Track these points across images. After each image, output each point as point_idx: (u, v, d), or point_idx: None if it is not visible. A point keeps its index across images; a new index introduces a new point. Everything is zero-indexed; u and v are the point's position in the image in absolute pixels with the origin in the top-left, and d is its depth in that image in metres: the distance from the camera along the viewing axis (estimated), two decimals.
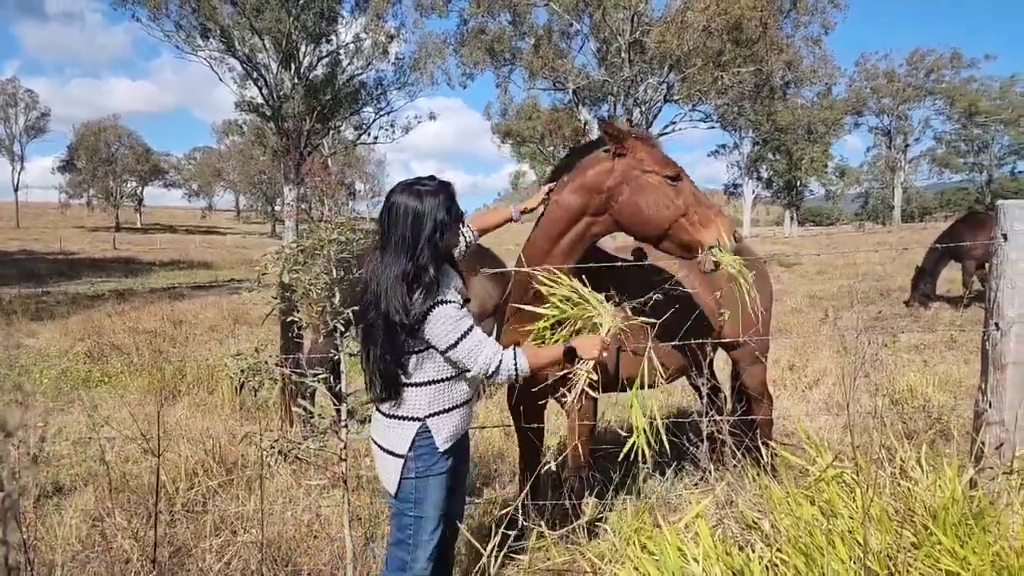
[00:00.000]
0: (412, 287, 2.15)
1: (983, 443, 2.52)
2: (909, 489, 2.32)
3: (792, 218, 50.93)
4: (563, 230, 2.86)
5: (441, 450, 2.28)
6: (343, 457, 2.91)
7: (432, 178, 2.31)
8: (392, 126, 32.22)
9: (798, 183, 47.31)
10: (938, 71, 52.38)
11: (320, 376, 2.93)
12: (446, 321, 2.16)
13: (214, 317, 11.90)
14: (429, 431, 2.26)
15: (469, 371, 2.22)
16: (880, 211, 64.17)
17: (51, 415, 5.94)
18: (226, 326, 11.08)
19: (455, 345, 2.17)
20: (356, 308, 2.87)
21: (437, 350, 2.20)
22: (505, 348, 2.31)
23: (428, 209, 2.18)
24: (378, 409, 2.35)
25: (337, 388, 2.93)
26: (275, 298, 2.99)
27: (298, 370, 3.01)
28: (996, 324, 2.51)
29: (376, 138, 33.11)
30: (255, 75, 26.42)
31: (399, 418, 2.28)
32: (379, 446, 2.35)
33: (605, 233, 2.93)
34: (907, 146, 55.94)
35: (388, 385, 2.25)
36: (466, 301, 2.31)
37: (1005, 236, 2.49)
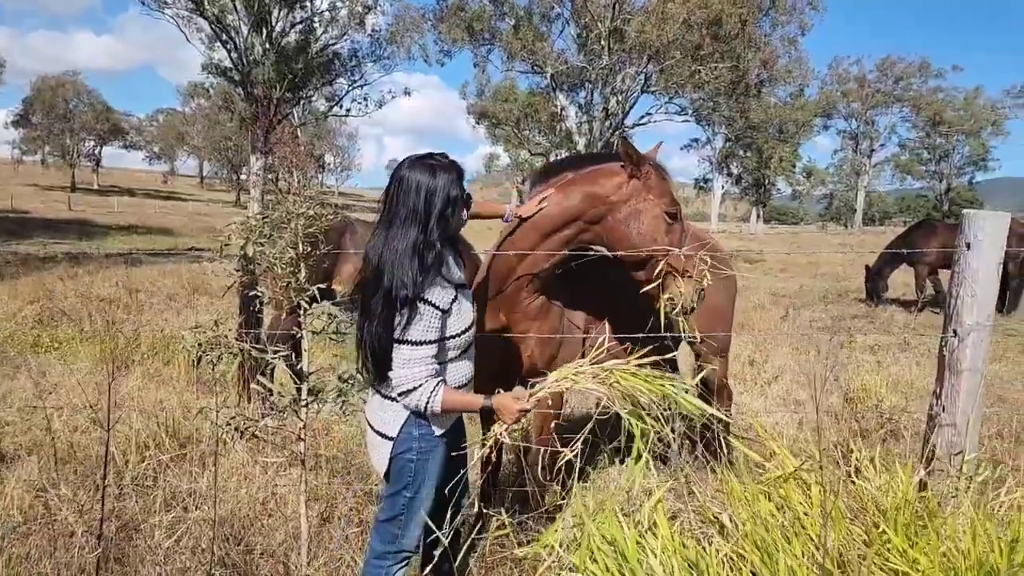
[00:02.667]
0: (423, 260, 2.09)
1: (935, 445, 2.59)
2: (862, 488, 2.37)
3: (759, 215, 51.80)
4: (556, 229, 2.84)
5: (437, 433, 2.25)
6: (301, 436, 2.86)
7: (443, 155, 2.25)
8: (366, 99, 31.60)
9: (766, 181, 48.05)
10: (907, 79, 53.68)
11: (281, 353, 2.87)
12: (417, 320, 2.10)
13: (172, 286, 11.60)
14: (424, 416, 2.22)
15: (390, 372, 2.15)
16: (843, 213, 65.73)
17: None
18: (184, 296, 10.81)
19: (400, 342, 2.10)
20: (321, 286, 2.82)
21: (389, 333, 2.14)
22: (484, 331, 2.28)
23: (441, 184, 2.12)
24: (376, 389, 2.30)
25: (299, 366, 2.87)
26: (237, 271, 2.89)
27: (259, 346, 2.93)
28: (954, 331, 2.56)
29: (349, 111, 32.42)
30: (224, 37, 25.53)
31: (393, 399, 2.22)
32: (371, 426, 2.31)
33: (592, 242, 2.93)
34: (872, 151, 57.33)
35: (379, 364, 2.18)
36: (459, 288, 2.26)
37: (968, 245, 2.53)
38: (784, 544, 2.05)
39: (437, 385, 2.14)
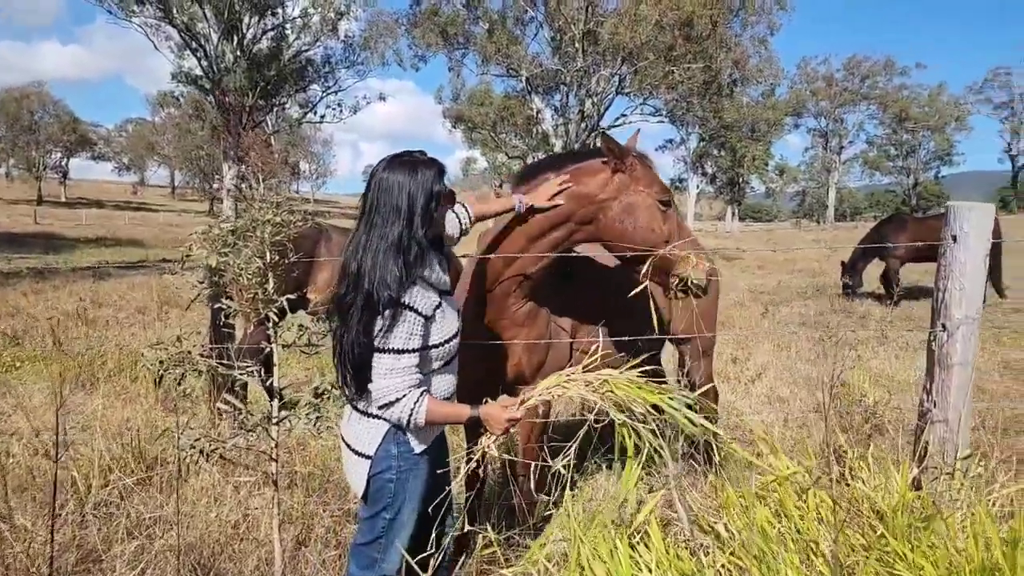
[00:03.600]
0: (406, 257, 1.97)
1: (927, 443, 2.53)
2: (858, 490, 2.30)
3: (734, 213, 52.30)
4: (543, 232, 2.74)
5: (417, 451, 2.12)
6: (274, 457, 2.72)
7: (422, 152, 2.14)
8: (340, 106, 31.42)
9: (740, 180, 48.53)
10: (873, 77, 54.72)
11: (249, 369, 2.72)
12: (398, 326, 1.97)
13: (142, 299, 11.29)
14: (404, 431, 2.09)
15: (370, 384, 2.02)
16: (816, 209, 66.72)
17: None
18: (154, 309, 10.52)
19: (381, 351, 1.97)
20: (291, 296, 2.68)
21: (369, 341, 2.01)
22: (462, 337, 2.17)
23: (423, 180, 2.01)
24: (352, 405, 2.16)
25: (269, 382, 2.73)
26: (201, 282, 2.74)
27: (225, 362, 2.79)
28: (943, 325, 2.51)
29: (323, 117, 32.22)
30: (194, 45, 25.14)
31: (371, 415, 2.09)
32: (347, 444, 2.17)
33: (584, 242, 2.85)
34: (842, 148, 58.32)
35: (359, 377, 2.03)
36: (443, 294, 2.14)
37: (955, 238, 2.49)
38: (783, 553, 1.97)
39: (421, 396, 2.02)
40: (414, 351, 2.00)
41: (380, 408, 2.02)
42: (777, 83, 37.39)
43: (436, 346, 2.09)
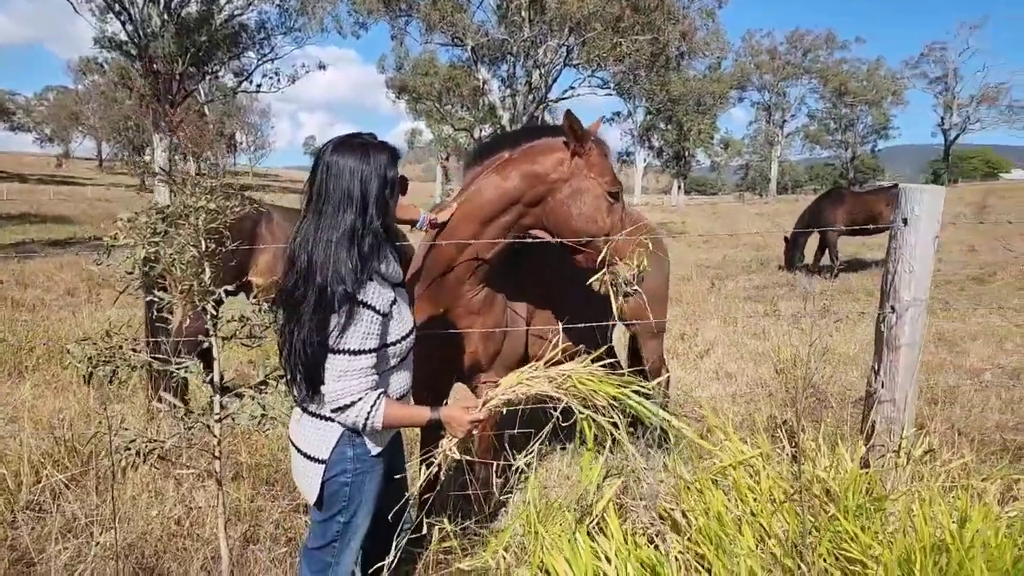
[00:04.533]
0: (361, 249, 1.84)
1: (875, 422, 2.59)
2: (809, 471, 2.34)
3: (680, 187, 53.12)
4: (495, 215, 2.64)
5: (374, 453, 2.01)
6: (216, 454, 2.59)
7: (371, 135, 1.99)
8: (277, 74, 30.17)
9: (686, 153, 49.23)
10: (814, 51, 56.05)
11: (186, 364, 2.56)
12: (353, 325, 1.85)
13: (71, 279, 10.70)
14: (360, 434, 1.98)
15: (322, 384, 1.91)
16: (758, 183, 68.36)
17: None
18: (84, 291, 9.99)
19: (335, 351, 1.85)
20: (229, 287, 2.53)
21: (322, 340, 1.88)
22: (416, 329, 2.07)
23: (376, 165, 1.87)
24: (303, 407, 2.03)
25: (209, 377, 2.58)
26: (129, 273, 2.54)
27: (160, 356, 2.62)
28: (892, 307, 2.56)
29: (259, 86, 30.89)
30: (117, 8, 23.60)
31: (322, 417, 1.97)
32: (297, 449, 2.04)
33: (533, 227, 2.75)
34: (784, 122, 59.77)
35: (309, 377, 1.91)
36: (397, 287, 2.03)
37: (905, 220, 2.52)
38: (738, 537, 1.99)
39: (378, 399, 1.91)
40: (371, 351, 1.89)
41: (334, 411, 1.90)
42: (723, 56, 37.85)
43: (394, 343, 1.99)
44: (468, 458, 2.70)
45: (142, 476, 3.59)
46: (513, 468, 2.20)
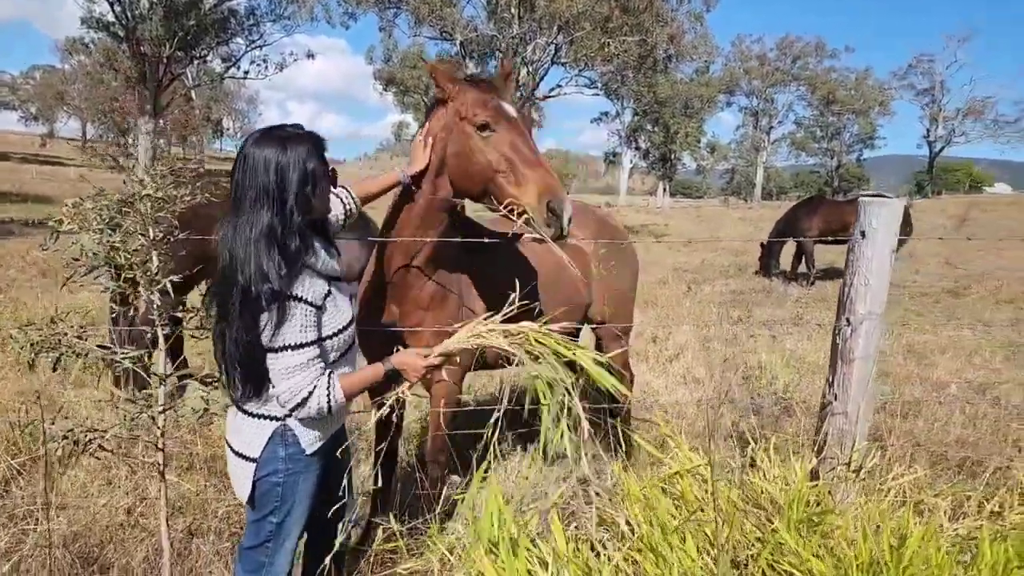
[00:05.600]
0: (284, 248, 1.80)
1: (827, 434, 2.58)
2: (757, 483, 2.33)
3: (665, 189, 53.28)
4: (413, 193, 2.55)
5: (308, 452, 1.98)
6: (160, 447, 2.53)
7: (297, 126, 1.94)
8: (265, 61, 29.87)
9: (673, 156, 49.34)
10: (804, 58, 56.36)
11: (132, 355, 2.50)
12: (288, 321, 1.81)
13: (47, 260, 10.52)
14: (293, 432, 1.95)
15: (273, 387, 1.88)
16: (744, 187, 68.78)
17: None
18: (57, 272, 9.82)
19: (279, 350, 1.81)
20: (175, 278, 2.47)
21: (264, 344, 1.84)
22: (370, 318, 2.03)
23: (294, 158, 1.82)
24: (237, 406, 1.99)
25: (152, 367, 2.52)
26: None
27: (105, 346, 2.55)
28: (847, 319, 2.55)
29: (247, 73, 30.58)
30: None
31: (254, 416, 1.94)
32: (230, 447, 2.02)
33: (455, 196, 2.58)
34: (771, 128, 60.07)
35: (247, 376, 1.87)
36: (332, 279, 1.98)
37: (863, 233, 2.51)
38: (679, 545, 1.97)
39: (331, 379, 1.90)
40: (312, 343, 1.86)
41: (294, 409, 1.87)
42: (711, 60, 37.90)
43: (330, 337, 1.95)
44: (418, 451, 2.65)
45: (95, 464, 3.53)
46: (461, 458, 2.16)
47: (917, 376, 5.69)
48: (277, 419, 1.95)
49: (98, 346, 2.51)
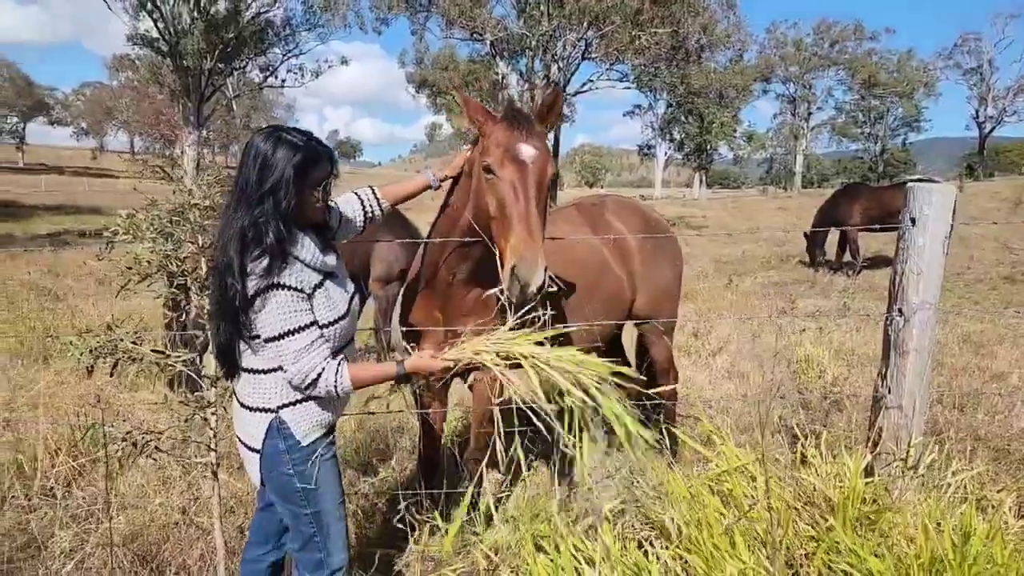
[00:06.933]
0: (250, 248, 1.84)
1: (881, 428, 2.50)
2: (809, 480, 2.27)
3: (701, 180, 52.48)
4: (459, 215, 2.54)
5: (304, 443, 2.01)
6: (212, 447, 2.60)
7: (308, 134, 1.97)
8: (301, 69, 30.49)
9: (708, 146, 48.53)
10: (842, 42, 54.73)
11: (184, 358, 2.58)
12: (279, 309, 1.86)
13: (103, 268, 10.93)
14: (286, 424, 1.99)
15: (284, 371, 1.93)
16: (783, 176, 67.24)
17: None
18: (115, 279, 10.21)
19: (278, 338, 1.88)
20: None
21: (260, 339, 1.91)
22: (412, 323, 2.05)
23: (278, 159, 1.86)
24: (237, 399, 2.07)
25: (204, 370, 2.60)
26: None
27: (159, 351, 2.64)
28: (900, 310, 2.46)
29: (284, 81, 31.27)
30: (150, 7, 24.03)
31: (250, 408, 2.01)
32: (238, 439, 2.10)
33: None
34: (810, 114, 58.58)
35: (226, 363, 1.99)
36: (327, 276, 2.02)
37: (913, 220, 2.42)
38: (729, 547, 1.93)
39: (339, 364, 1.96)
40: (310, 325, 1.92)
41: (305, 389, 1.94)
42: (746, 48, 37.13)
43: (325, 326, 1.99)
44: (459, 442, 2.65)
45: (149, 465, 3.65)
46: (509, 467, 2.16)
47: (975, 367, 5.46)
48: (271, 411, 2.00)
49: (152, 351, 2.60)
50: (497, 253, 2.23)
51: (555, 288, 2.25)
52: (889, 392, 2.49)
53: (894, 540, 1.92)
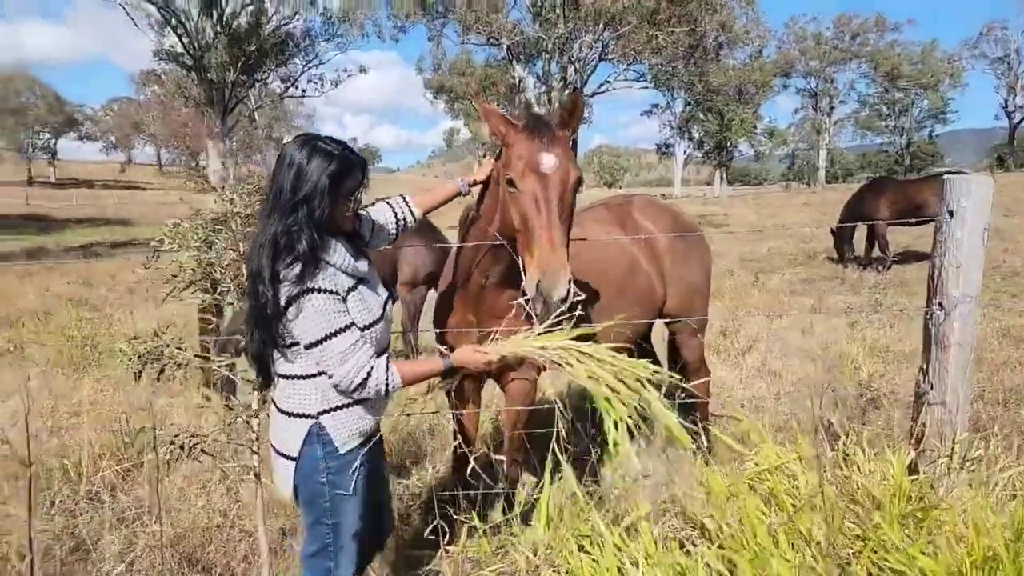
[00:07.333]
0: (282, 255, 1.86)
1: (924, 425, 2.47)
2: (853, 477, 2.25)
3: (722, 178, 52.01)
4: (491, 219, 2.55)
5: (342, 451, 2.01)
6: (255, 450, 2.66)
7: (343, 144, 1.99)
8: (321, 79, 30.95)
9: (728, 144, 48.09)
10: (863, 35, 53.91)
11: (226, 363, 2.64)
12: (317, 313, 1.87)
13: (133, 278, 11.20)
14: (326, 431, 1.99)
15: (330, 377, 1.93)
16: (806, 172, 66.29)
17: None
18: (144, 290, 10.45)
19: (320, 342, 1.88)
20: None
21: (300, 345, 1.92)
22: (448, 326, 2.08)
23: (313, 169, 1.87)
24: (274, 403, 2.08)
25: (246, 374, 2.65)
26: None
27: (204, 355, 2.70)
28: (940, 304, 2.43)
29: (305, 91, 31.82)
30: (174, 22, 24.61)
31: (289, 415, 2.01)
32: (272, 446, 2.10)
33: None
34: (832, 108, 57.75)
35: (260, 371, 2.02)
36: (359, 281, 2.03)
37: (951, 213, 2.39)
38: (772, 546, 1.92)
39: (387, 362, 1.97)
40: (350, 326, 1.92)
41: (354, 392, 1.94)
42: (764, 44, 36.81)
43: (362, 329, 1.99)
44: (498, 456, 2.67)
45: (190, 469, 3.72)
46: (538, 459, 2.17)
47: (1015, 362, 5.34)
48: (310, 417, 1.99)
49: (196, 355, 2.67)
50: (521, 264, 2.24)
51: (581, 297, 2.24)
52: (932, 388, 2.46)
53: (943, 538, 1.90)
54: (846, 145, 68.68)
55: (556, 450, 2.10)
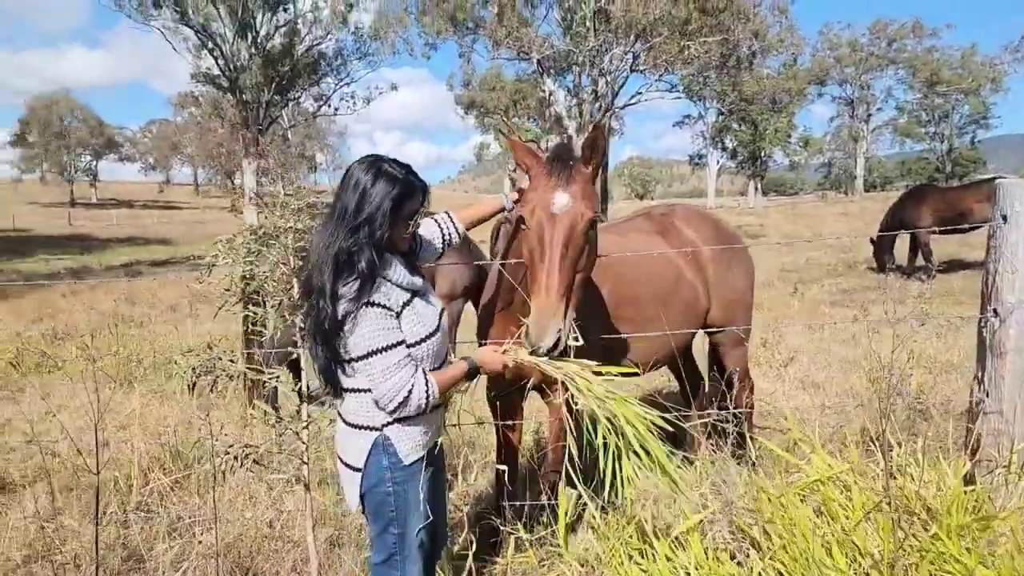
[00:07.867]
0: (342, 273, 1.92)
1: (980, 434, 2.41)
2: (907, 488, 2.21)
3: (757, 188, 51.36)
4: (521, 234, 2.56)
5: (406, 463, 2.06)
6: (304, 460, 2.71)
7: (407, 167, 2.05)
8: (353, 97, 31.54)
9: (762, 153, 47.56)
10: (900, 40, 52.78)
11: (277, 375, 2.71)
12: (369, 326, 1.92)
13: (173, 296, 11.51)
14: (391, 442, 2.04)
15: (371, 392, 1.98)
16: (843, 180, 65.07)
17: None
18: (185, 306, 10.73)
19: (366, 357, 1.93)
20: None
21: (348, 357, 1.97)
22: (491, 337, 2.12)
23: (377, 191, 1.94)
24: (340, 416, 2.14)
25: (298, 386, 2.72)
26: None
27: (254, 367, 2.78)
28: (995, 310, 2.39)
29: (337, 109, 32.44)
30: (210, 45, 25.42)
31: (355, 427, 2.07)
32: (339, 458, 2.15)
33: None
34: (869, 116, 56.55)
35: (328, 384, 2.06)
36: (414, 294, 2.07)
37: (1005, 217, 2.35)
38: (826, 557, 1.90)
39: (426, 378, 2.01)
40: (399, 343, 1.97)
41: (395, 410, 1.98)
42: (799, 52, 36.32)
43: (415, 344, 2.04)
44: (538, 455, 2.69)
45: (237, 481, 3.80)
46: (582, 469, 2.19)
47: None
48: (376, 429, 2.04)
49: (248, 368, 2.74)
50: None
51: (579, 343, 2.25)
52: (987, 396, 2.40)
53: (1003, 549, 1.85)
54: (884, 153, 67.23)
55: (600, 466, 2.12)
